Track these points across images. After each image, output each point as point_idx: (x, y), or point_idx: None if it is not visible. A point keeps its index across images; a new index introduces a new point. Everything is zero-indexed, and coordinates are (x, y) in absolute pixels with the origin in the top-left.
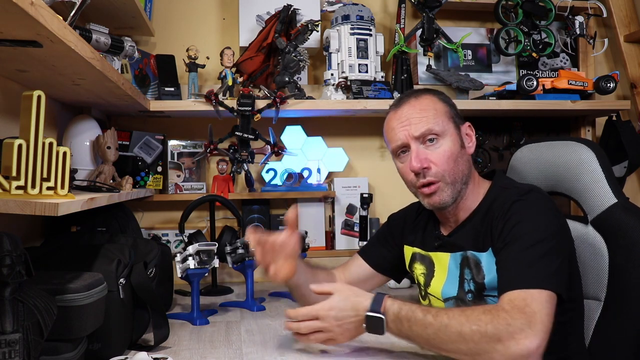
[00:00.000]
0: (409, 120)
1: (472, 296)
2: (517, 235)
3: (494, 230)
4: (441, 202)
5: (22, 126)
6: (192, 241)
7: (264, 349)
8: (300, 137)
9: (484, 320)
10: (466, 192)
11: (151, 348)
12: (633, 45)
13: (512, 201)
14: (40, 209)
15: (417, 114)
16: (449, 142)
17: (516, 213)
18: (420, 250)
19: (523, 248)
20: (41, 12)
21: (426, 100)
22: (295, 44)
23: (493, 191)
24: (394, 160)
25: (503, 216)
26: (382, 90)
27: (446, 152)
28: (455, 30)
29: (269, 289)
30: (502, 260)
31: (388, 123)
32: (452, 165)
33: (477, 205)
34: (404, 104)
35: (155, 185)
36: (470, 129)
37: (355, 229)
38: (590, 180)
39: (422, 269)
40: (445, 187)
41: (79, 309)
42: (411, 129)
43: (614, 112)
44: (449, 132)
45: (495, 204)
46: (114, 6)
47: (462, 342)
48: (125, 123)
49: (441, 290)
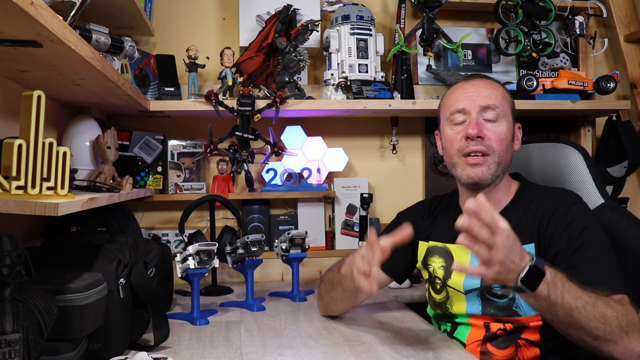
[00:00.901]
0: (477, 91)
1: (500, 286)
2: (589, 241)
3: (547, 228)
4: (482, 177)
5: (22, 126)
6: (192, 241)
7: (264, 349)
8: (300, 137)
9: (620, 310)
10: (500, 182)
11: (151, 348)
12: (633, 45)
13: (571, 202)
14: (40, 209)
15: (487, 89)
16: (506, 127)
17: (579, 217)
18: (437, 243)
19: (599, 255)
20: (41, 12)
21: (497, 84)
22: (295, 44)
23: (527, 190)
24: (444, 128)
25: (564, 216)
26: (382, 90)
27: (502, 134)
28: (455, 30)
29: (269, 289)
30: (581, 264)
31: (452, 91)
32: (503, 148)
33: (511, 200)
34: (475, 79)
35: (155, 185)
36: (519, 131)
37: (355, 229)
38: (578, 182)
39: (441, 262)
40: (492, 164)
41: (79, 309)
42: (478, 98)
43: (614, 112)
44: (507, 118)
45: (544, 202)
46: (114, 6)
47: (603, 323)
48: (125, 123)
49: (463, 281)
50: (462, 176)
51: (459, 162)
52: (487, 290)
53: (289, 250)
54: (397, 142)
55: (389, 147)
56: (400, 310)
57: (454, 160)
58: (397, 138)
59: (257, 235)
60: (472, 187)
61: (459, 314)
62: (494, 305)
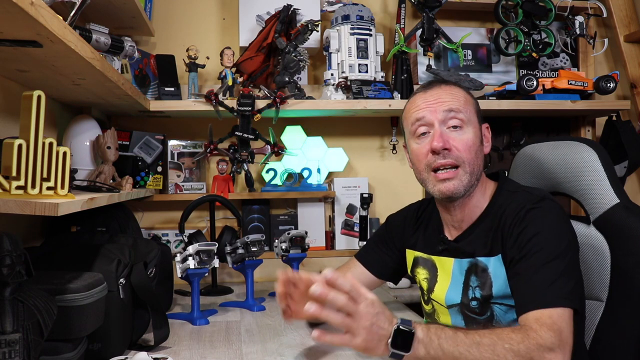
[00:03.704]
0: (437, 99)
1: (477, 303)
2: (536, 248)
3: (506, 236)
4: (455, 190)
5: (22, 126)
6: (192, 241)
7: (264, 349)
8: (300, 137)
9: (515, 339)
10: (475, 189)
11: (151, 348)
12: (633, 45)
13: (527, 209)
14: (40, 209)
15: (448, 95)
16: (472, 133)
17: (532, 223)
18: (422, 254)
19: (543, 262)
20: (41, 12)
21: (457, 88)
22: (295, 44)
23: (501, 195)
24: (409, 141)
25: (519, 224)
26: (382, 90)
27: (469, 141)
28: (455, 30)
29: (269, 289)
30: (522, 273)
31: (412, 102)
32: (472, 156)
33: (485, 209)
34: (434, 87)
35: (155, 185)
36: (487, 131)
37: (355, 229)
38: (593, 181)
39: (425, 274)
40: (463, 175)
41: (79, 309)
42: (438, 107)
43: (614, 112)
44: (473, 123)
45: (508, 209)
46: (114, 6)
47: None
48: (125, 123)
49: (445, 296)
50: (435, 192)
51: (428, 177)
52: (466, 307)
53: (289, 250)
54: (397, 142)
55: (389, 147)
56: (400, 311)
57: (423, 176)
58: (397, 138)
59: (257, 235)
60: (446, 201)
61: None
62: (474, 321)
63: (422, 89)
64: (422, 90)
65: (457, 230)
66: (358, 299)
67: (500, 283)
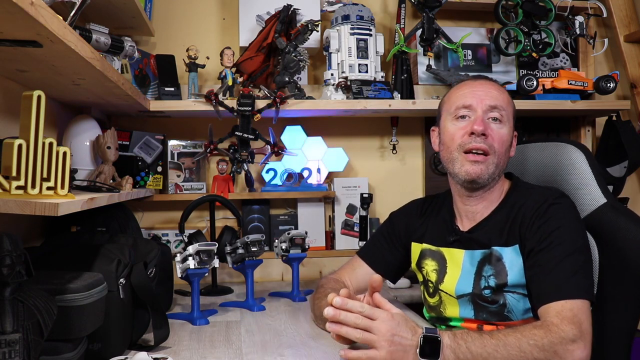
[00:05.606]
0: (485, 91)
1: (491, 292)
2: (558, 240)
3: (526, 228)
4: (481, 174)
5: (22, 126)
6: (192, 241)
7: (264, 349)
8: (300, 137)
9: (538, 334)
10: (495, 184)
11: (151, 348)
12: (633, 45)
13: (550, 203)
14: (40, 209)
15: (496, 91)
16: (508, 130)
17: (554, 216)
18: (430, 246)
19: (565, 255)
20: (41, 12)
21: (503, 88)
22: (295, 44)
23: (516, 191)
24: (445, 122)
25: (540, 217)
26: (382, 90)
27: (504, 135)
28: (455, 30)
29: (269, 289)
30: (543, 264)
31: (459, 88)
32: (503, 150)
33: (500, 202)
34: (484, 80)
35: (155, 185)
36: (515, 139)
37: (355, 229)
38: (580, 181)
39: (434, 265)
40: (491, 164)
41: (79, 309)
42: (486, 98)
43: (614, 112)
44: (510, 123)
45: (527, 202)
46: (114, 6)
47: (522, 356)
48: (125, 123)
49: (455, 287)
50: (461, 172)
51: (458, 157)
52: (478, 296)
53: (289, 250)
54: (397, 142)
55: (389, 147)
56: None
57: (453, 156)
58: (397, 138)
59: (257, 235)
60: (468, 185)
61: (452, 318)
62: (486, 310)
63: (470, 79)
64: (471, 79)
65: (470, 222)
66: (373, 316)
67: (515, 272)
